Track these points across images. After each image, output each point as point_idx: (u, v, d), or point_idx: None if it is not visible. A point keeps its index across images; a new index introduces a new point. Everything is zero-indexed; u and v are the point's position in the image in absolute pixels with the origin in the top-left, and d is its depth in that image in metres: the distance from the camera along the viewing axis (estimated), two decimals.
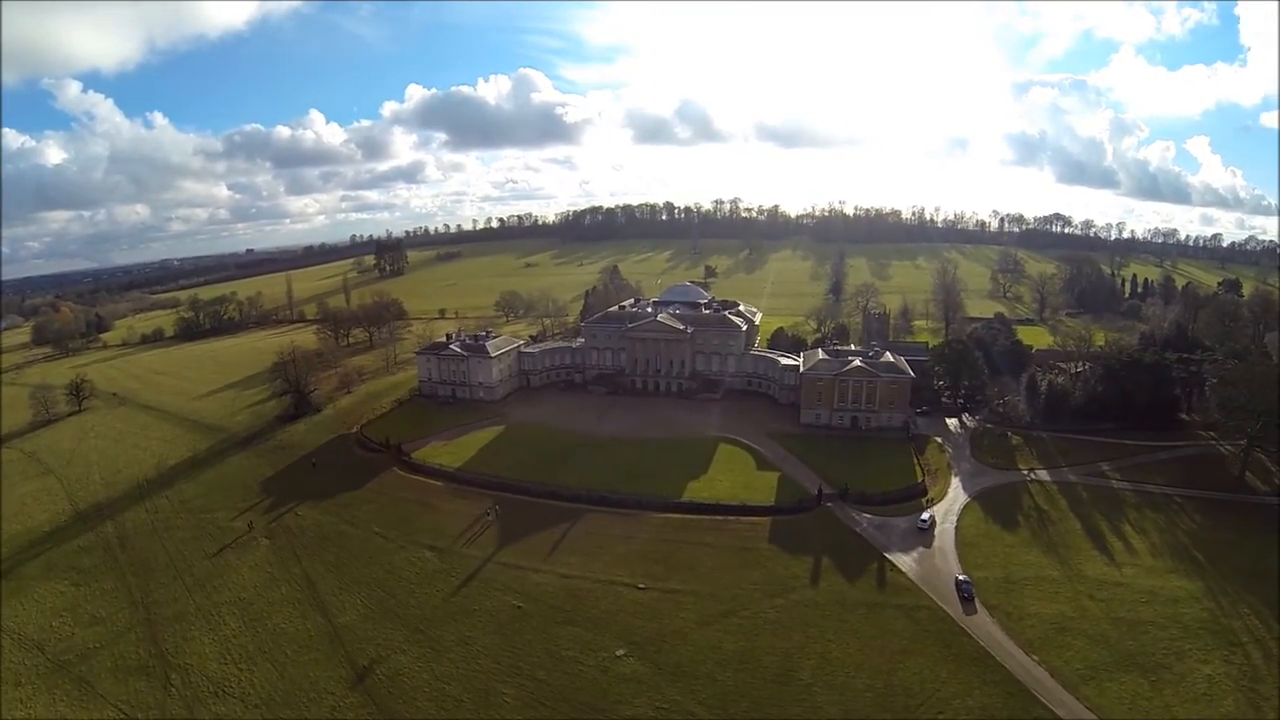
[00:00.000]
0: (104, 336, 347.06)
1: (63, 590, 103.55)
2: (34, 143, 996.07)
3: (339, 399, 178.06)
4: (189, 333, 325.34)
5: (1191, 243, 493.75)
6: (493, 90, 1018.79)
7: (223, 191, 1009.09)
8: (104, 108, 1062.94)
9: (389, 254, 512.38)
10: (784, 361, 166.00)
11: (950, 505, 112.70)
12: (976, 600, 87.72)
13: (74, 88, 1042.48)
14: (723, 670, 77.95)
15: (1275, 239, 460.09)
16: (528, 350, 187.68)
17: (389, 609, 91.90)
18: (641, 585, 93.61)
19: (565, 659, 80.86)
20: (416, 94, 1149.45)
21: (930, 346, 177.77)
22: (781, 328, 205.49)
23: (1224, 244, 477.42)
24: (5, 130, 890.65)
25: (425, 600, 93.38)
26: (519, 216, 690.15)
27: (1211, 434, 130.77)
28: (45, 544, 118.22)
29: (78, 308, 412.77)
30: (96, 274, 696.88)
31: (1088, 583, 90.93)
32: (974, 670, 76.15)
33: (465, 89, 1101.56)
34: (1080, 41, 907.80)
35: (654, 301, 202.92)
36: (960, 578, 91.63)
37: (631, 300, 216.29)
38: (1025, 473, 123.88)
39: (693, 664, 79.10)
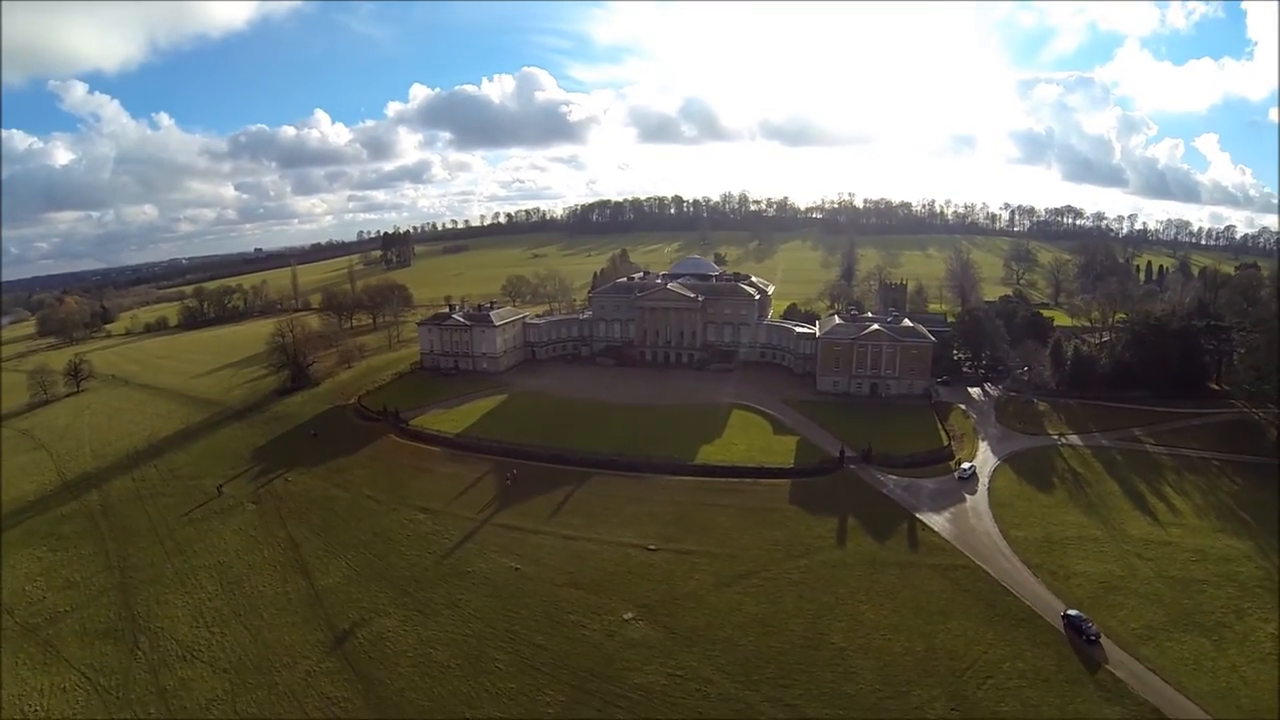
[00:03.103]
0: (108, 327, 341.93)
1: (40, 556, 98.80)
2: (41, 144, 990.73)
3: (338, 373, 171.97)
4: (193, 321, 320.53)
5: (1204, 237, 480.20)
6: (497, 89, 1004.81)
7: (229, 192, 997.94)
8: (110, 109, 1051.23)
9: (396, 246, 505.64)
10: (799, 330, 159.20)
11: (981, 467, 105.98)
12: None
13: (80, 89, 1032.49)
14: (744, 634, 71.07)
15: None
16: (533, 321, 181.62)
17: (376, 571, 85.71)
18: (652, 546, 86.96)
19: (567, 623, 74.17)
20: (420, 93, 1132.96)
21: (948, 320, 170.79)
22: (794, 304, 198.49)
23: (1237, 236, 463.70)
24: (13, 132, 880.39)
25: (415, 562, 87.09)
26: (527, 211, 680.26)
27: (1243, 401, 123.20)
28: (28, 512, 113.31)
29: (83, 299, 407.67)
30: (105, 274, 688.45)
31: (1134, 542, 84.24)
32: (1022, 632, 69.26)
33: (469, 88, 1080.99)
34: (1085, 36, 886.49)
35: (664, 274, 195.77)
36: (1072, 612, 70.04)
37: (641, 273, 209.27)
38: (1055, 437, 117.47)
39: (710, 628, 72.27)
